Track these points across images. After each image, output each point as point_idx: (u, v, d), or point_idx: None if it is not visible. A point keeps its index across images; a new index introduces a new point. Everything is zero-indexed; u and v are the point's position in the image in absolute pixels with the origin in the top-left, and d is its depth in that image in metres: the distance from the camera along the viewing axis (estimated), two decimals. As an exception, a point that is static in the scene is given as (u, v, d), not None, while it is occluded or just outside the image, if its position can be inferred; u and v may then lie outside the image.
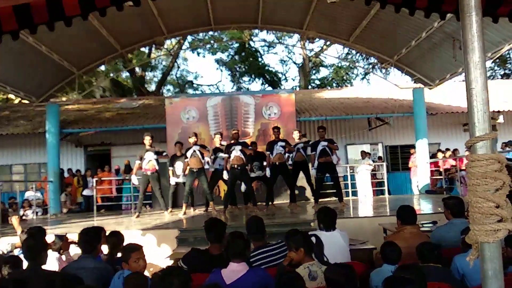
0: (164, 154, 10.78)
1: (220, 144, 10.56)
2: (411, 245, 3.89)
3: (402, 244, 3.93)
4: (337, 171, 10.51)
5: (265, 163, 10.45)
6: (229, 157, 9.80)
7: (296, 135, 10.57)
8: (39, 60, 12.69)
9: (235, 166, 9.72)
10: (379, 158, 16.84)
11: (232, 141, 9.99)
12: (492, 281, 1.95)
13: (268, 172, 10.29)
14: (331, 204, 8.88)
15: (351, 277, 2.96)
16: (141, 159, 10.30)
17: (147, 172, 10.31)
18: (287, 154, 10.49)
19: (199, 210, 11.09)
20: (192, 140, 10.24)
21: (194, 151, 10.06)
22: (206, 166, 10.49)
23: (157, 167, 10.43)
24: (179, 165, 10.71)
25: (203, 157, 10.15)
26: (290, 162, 10.68)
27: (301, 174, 10.80)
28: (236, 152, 9.67)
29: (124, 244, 4.27)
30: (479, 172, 1.93)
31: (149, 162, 10.28)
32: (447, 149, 15.18)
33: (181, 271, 3.01)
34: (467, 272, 3.64)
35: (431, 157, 15.03)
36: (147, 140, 10.36)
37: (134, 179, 10.56)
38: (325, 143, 10.06)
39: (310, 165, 10.60)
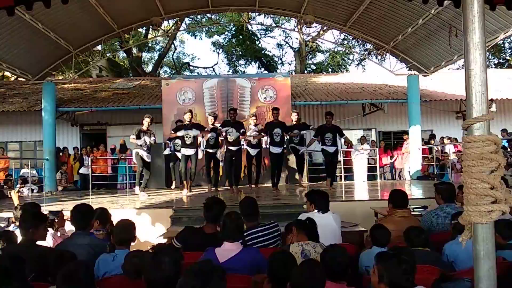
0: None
1: (213, 124, 10.32)
2: (402, 228, 3.93)
3: (393, 227, 3.98)
4: (338, 157, 10.64)
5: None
6: (225, 136, 10.00)
7: (294, 117, 10.61)
8: (36, 38, 12.53)
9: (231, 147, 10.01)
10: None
11: (230, 120, 10.10)
12: (484, 262, 1.95)
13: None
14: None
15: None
16: (137, 137, 9.84)
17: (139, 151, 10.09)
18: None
19: (194, 190, 11.09)
20: (186, 117, 10.12)
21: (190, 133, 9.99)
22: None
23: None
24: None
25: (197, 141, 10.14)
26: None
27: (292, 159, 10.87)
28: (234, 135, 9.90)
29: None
30: (475, 153, 1.92)
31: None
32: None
33: (172, 249, 3.03)
34: (457, 259, 3.68)
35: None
36: (146, 121, 9.96)
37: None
38: (338, 136, 10.26)
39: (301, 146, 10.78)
